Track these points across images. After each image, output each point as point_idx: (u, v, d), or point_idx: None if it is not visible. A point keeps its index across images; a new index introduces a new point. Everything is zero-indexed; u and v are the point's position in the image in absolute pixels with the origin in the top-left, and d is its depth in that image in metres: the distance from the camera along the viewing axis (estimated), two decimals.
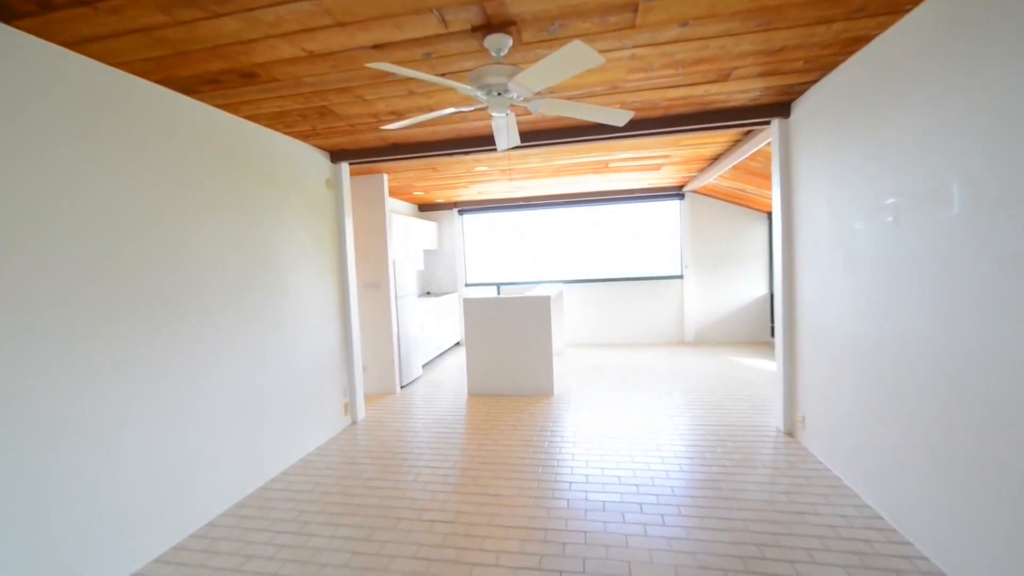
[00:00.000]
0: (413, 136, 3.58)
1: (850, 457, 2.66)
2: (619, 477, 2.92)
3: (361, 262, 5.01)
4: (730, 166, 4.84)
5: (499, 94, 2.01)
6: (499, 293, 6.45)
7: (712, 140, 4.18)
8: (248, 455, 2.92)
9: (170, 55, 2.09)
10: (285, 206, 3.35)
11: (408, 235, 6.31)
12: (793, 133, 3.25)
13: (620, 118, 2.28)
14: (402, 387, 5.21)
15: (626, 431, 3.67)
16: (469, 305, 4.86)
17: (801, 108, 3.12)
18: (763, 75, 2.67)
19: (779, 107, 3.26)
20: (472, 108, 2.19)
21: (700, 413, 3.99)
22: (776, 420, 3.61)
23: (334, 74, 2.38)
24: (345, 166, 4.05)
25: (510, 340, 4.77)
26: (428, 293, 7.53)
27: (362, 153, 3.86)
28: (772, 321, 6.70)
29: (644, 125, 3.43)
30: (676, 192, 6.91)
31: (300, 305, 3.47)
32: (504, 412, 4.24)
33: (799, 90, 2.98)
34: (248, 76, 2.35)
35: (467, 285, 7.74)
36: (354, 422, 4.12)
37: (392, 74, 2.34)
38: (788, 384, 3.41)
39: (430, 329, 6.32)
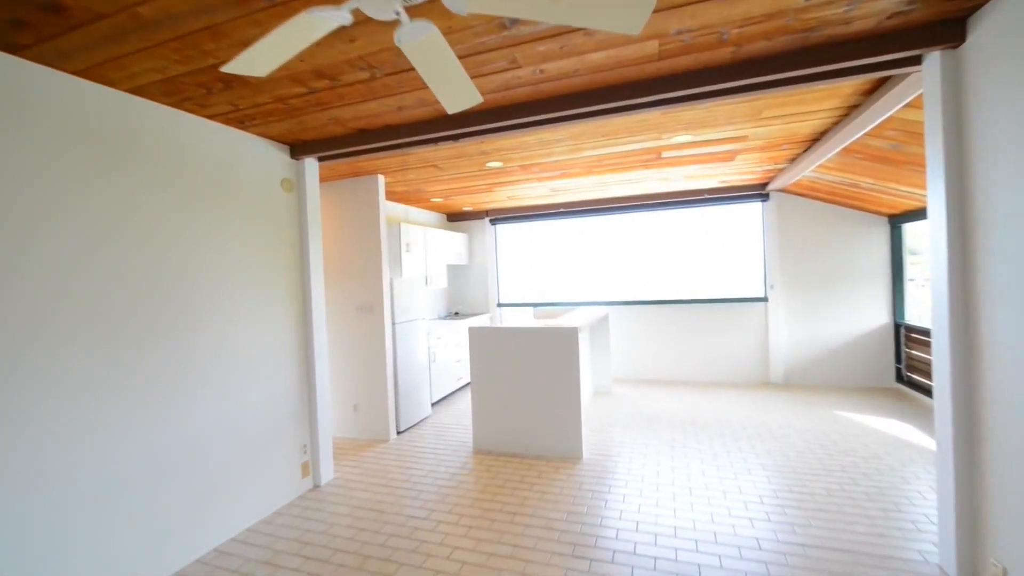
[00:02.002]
0: (378, 118, 2.68)
1: None
2: None
3: (351, 281, 4.20)
4: (837, 149, 3.42)
5: None
6: (535, 314, 5.41)
7: (812, 107, 2.85)
8: (132, 549, 2.10)
9: None
10: (207, 213, 2.57)
11: (426, 248, 5.46)
12: (973, 69, 1.90)
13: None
14: (400, 432, 4.29)
15: (677, 546, 2.41)
16: (475, 336, 3.84)
17: (991, 23, 1.78)
18: None
19: (940, 28, 1.93)
20: (337, 8, 1.20)
21: (800, 520, 2.61)
22: (937, 554, 2.18)
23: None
24: (311, 163, 3.24)
25: (526, 383, 3.68)
26: (456, 314, 6.63)
27: (325, 145, 3.03)
28: (899, 361, 4.96)
29: (698, 79, 2.24)
30: (757, 192, 5.44)
31: (226, 340, 2.65)
32: (511, 485, 3.15)
33: None
34: (51, 8, 1.54)
35: (499, 305, 6.74)
36: (316, 486, 3.23)
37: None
38: (963, 493, 2.00)
39: (447, 358, 5.38)
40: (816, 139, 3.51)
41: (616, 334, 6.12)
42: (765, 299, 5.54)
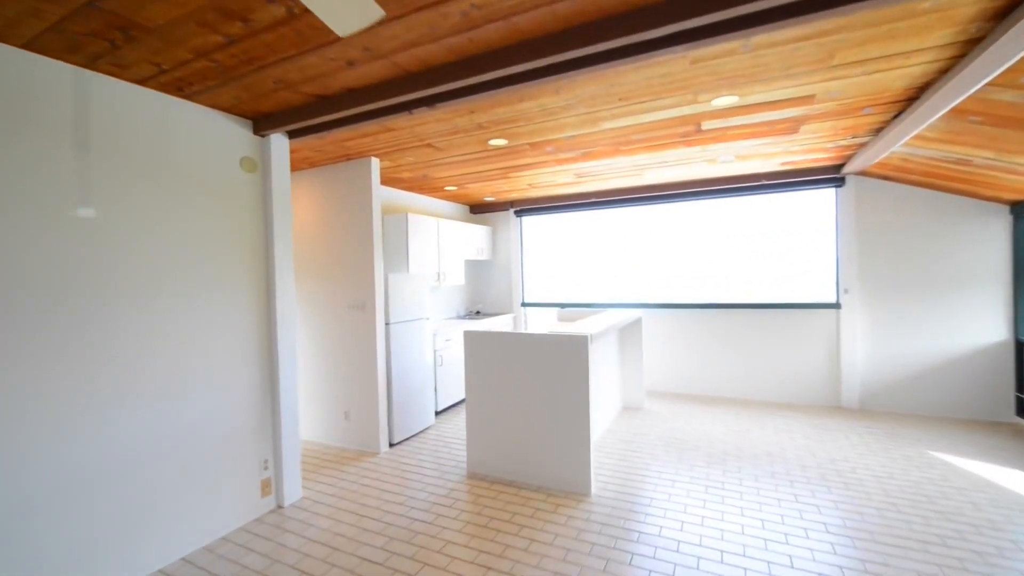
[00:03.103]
0: (331, 79, 2.22)
1: None
2: None
3: (343, 275, 3.81)
4: (944, 109, 2.54)
5: None
6: (558, 316, 4.81)
7: (909, 43, 2.05)
8: None
9: None
10: (142, 194, 2.23)
11: (439, 241, 5.01)
12: None
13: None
14: (393, 444, 3.86)
15: None
16: (471, 342, 3.31)
17: None
18: None
19: None
20: None
21: None
22: None
23: None
24: (279, 140, 2.85)
25: (528, 400, 3.11)
26: (478, 313, 6.15)
27: (287, 118, 2.62)
28: (1021, 390, 3.87)
29: None
30: (830, 176, 4.48)
31: (162, 341, 2.30)
32: (496, 525, 2.60)
33: None
34: None
35: (524, 305, 6.17)
36: (279, 507, 2.86)
37: None
38: None
39: (457, 362, 4.90)
40: (913, 97, 2.64)
41: (651, 340, 5.37)
42: (837, 305, 4.57)
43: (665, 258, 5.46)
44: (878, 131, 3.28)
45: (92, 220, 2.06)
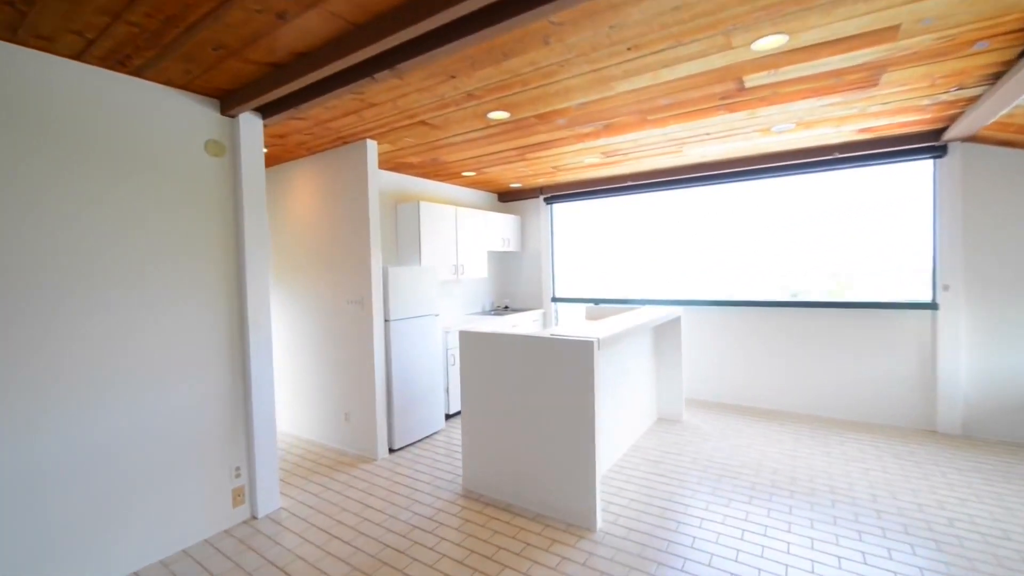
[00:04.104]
0: (272, 39, 1.90)
1: None
2: None
3: (342, 269, 3.57)
4: None
5: None
6: (586, 313, 4.31)
7: None
8: None
9: None
10: (81, 179, 2.05)
11: (456, 231, 4.67)
12: None
13: None
14: (394, 450, 3.59)
15: None
16: (466, 344, 2.93)
17: None
18: None
19: None
20: None
21: None
22: None
23: None
24: (250, 120, 2.61)
25: (528, 412, 2.68)
26: (506, 308, 5.77)
27: (247, 93, 2.35)
28: None
29: None
30: (926, 143, 3.59)
31: (109, 338, 2.13)
32: (475, 561, 2.22)
33: None
34: None
35: (554, 300, 5.69)
36: (253, 517, 2.66)
37: None
38: None
39: None
40: None
41: (695, 342, 4.71)
42: (933, 305, 3.69)
43: (712, 248, 4.75)
44: (997, 76, 2.46)
45: (34, 212, 1.90)
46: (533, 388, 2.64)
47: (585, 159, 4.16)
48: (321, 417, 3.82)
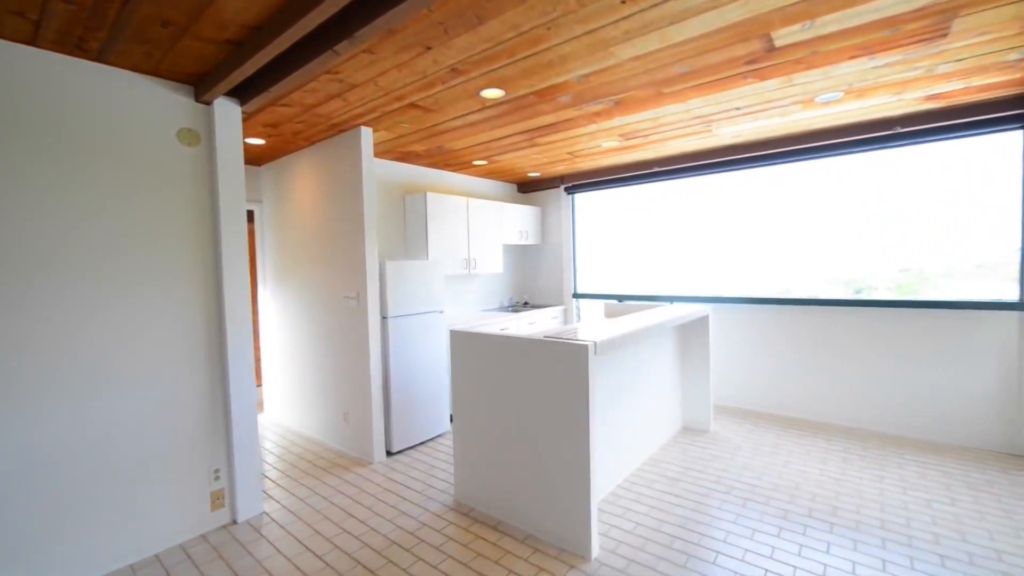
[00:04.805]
0: (221, 10, 1.73)
1: None
2: None
3: (339, 263, 3.44)
4: None
5: None
6: (605, 311, 3.98)
7: None
8: None
9: None
10: (41, 176, 1.98)
11: (468, 224, 4.45)
12: None
13: None
14: (392, 453, 3.43)
15: None
16: (457, 341, 2.70)
17: None
18: None
19: None
20: None
21: None
22: None
23: None
24: (226, 107, 2.48)
25: (519, 421, 2.42)
26: (526, 304, 5.50)
27: (218, 74, 2.21)
28: None
29: None
30: (1014, 110, 2.98)
31: (78, 333, 2.06)
32: None
33: None
34: None
35: (575, 296, 5.36)
36: (233, 522, 2.56)
37: None
38: None
39: None
40: None
41: (727, 342, 4.25)
42: (1020, 305, 3.08)
43: (751, 240, 4.26)
44: None
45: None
46: (526, 395, 2.38)
47: (602, 143, 3.81)
48: (322, 416, 3.72)
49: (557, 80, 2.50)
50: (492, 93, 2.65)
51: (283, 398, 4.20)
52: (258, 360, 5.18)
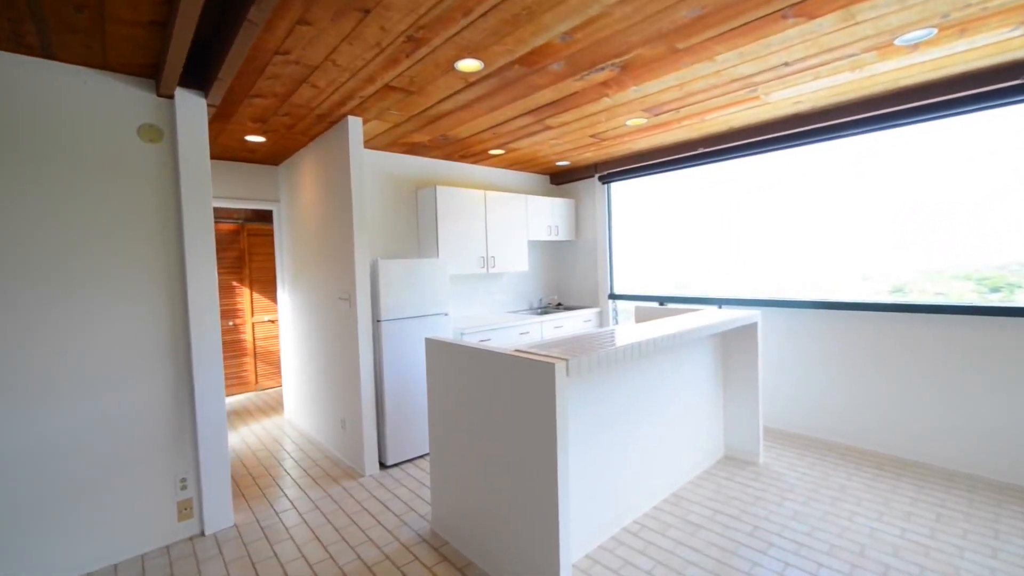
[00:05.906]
0: None
1: None
2: None
3: (333, 263, 3.27)
4: None
5: None
6: (635, 315, 3.44)
7: None
8: None
9: None
10: None
11: (486, 219, 4.13)
12: None
13: None
14: (387, 466, 3.20)
15: None
16: (432, 351, 2.38)
17: None
18: None
19: None
20: None
21: None
22: None
23: None
24: (189, 100, 2.35)
25: (490, 448, 2.05)
26: (559, 305, 5.07)
27: (158, 62, 2.08)
28: None
29: None
30: None
31: (31, 337, 2.03)
32: None
33: None
34: None
35: (611, 297, 4.82)
36: (201, 534, 2.45)
37: None
38: None
39: None
40: None
41: (776, 352, 3.52)
42: None
43: (816, 232, 3.49)
44: None
45: None
46: (497, 419, 2.00)
47: (626, 121, 3.29)
48: (323, 421, 3.61)
49: (536, 42, 2.08)
50: (469, 65, 2.28)
51: (297, 401, 4.17)
52: (279, 362, 5.27)
